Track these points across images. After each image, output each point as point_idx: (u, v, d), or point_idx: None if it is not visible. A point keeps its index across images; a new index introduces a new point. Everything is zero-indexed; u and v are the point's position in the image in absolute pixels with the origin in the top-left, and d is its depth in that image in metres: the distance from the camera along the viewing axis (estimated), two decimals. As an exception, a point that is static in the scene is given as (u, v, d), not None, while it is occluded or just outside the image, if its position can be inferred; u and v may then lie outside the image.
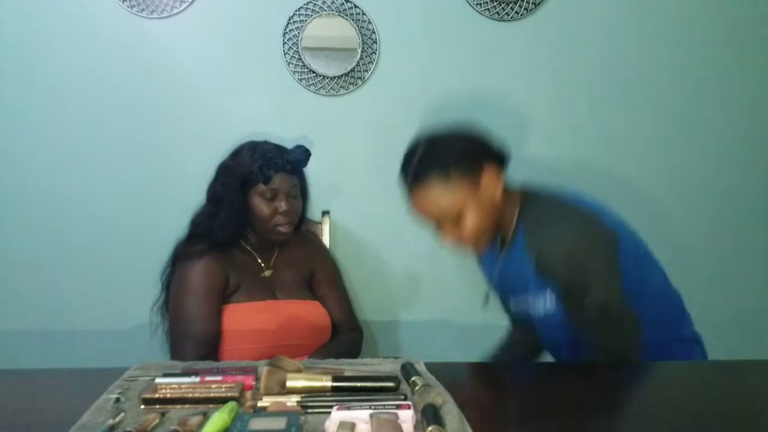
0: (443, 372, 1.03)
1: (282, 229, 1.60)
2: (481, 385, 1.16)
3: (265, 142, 1.64)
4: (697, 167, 2.11)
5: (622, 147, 2.08)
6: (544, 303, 1.30)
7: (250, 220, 1.60)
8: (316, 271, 1.73)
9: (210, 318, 1.51)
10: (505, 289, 1.43)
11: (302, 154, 1.64)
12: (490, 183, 1.27)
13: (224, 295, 1.56)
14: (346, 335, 1.70)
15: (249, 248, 1.65)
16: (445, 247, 1.31)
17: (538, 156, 2.05)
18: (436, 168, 1.25)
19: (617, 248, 1.27)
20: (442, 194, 1.25)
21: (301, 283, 1.69)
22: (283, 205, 1.58)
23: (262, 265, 1.65)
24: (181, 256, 1.58)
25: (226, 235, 1.58)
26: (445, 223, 1.28)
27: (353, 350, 1.70)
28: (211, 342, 1.50)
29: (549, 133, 2.06)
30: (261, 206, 1.58)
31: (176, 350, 1.52)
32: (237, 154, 1.62)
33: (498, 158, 1.30)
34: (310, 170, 1.76)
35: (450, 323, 2.07)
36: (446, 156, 1.26)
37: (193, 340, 1.49)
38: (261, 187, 1.57)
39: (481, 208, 1.26)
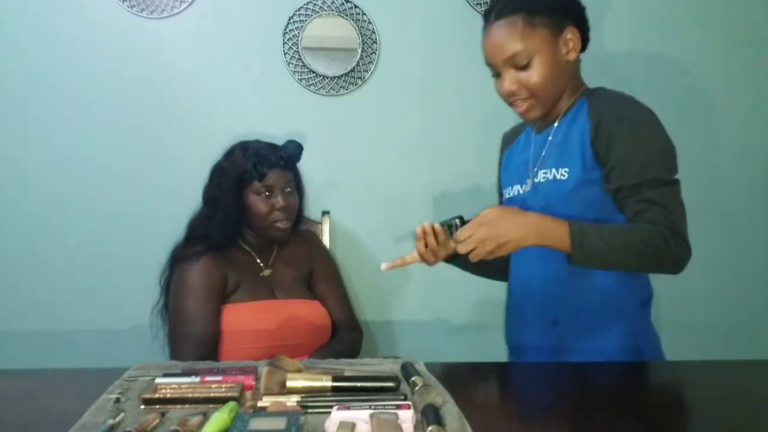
0: (443, 372, 1.03)
1: (280, 225, 1.60)
2: (481, 385, 1.16)
3: (257, 141, 1.65)
4: (695, 166, 2.11)
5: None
6: (571, 170, 1.27)
7: (248, 220, 1.61)
8: (315, 270, 1.73)
9: (209, 318, 1.51)
10: (525, 169, 1.39)
11: (295, 149, 1.65)
12: (568, 44, 1.29)
13: (223, 295, 1.56)
14: (345, 334, 1.70)
15: (247, 248, 1.65)
16: (502, 95, 1.32)
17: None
18: (525, 9, 1.27)
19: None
20: (522, 35, 1.27)
21: (301, 282, 1.69)
22: (279, 201, 1.59)
23: (261, 264, 1.65)
24: (179, 257, 1.58)
25: (224, 236, 1.58)
26: (510, 68, 1.29)
27: (353, 349, 1.70)
28: (210, 342, 1.50)
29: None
30: (258, 204, 1.59)
31: (176, 351, 1.52)
32: (230, 154, 1.63)
33: (581, 29, 1.32)
34: (310, 170, 1.76)
35: (450, 323, 2.07)
36: (537, 2, 1.28)
37: (193, 340, 1.49)
38: (256, 184, 1.58)
39: (552, 64, 1.28)
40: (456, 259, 1.38)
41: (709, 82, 2.09)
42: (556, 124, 1.34)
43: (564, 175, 1.28)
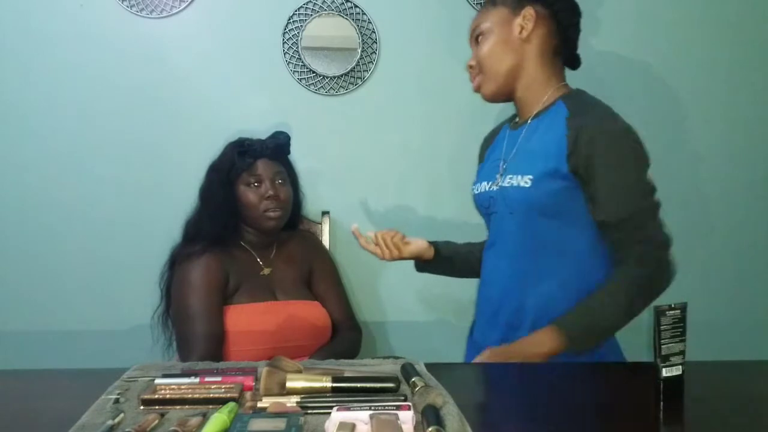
0: (443, 373, 1.03)
1: (271, 214, 1.59)
2: (482, 385, 1.16)
3: (246, 137, 1.66)
4: (696, 166, 2.11)
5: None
6: (535, 177, 1.28)
7: (243, 214, 1.60)
8: (314, 269, 1.73)
9: (214, 315, 1.51)
10: (496, 167, 1.39)
11: (281, 139, 1.65)
12: (523, 23, 1.30)
13: (225, 294, 1.56)
14: (345, 334, 1.70)
15: (247, 247, 1.65)
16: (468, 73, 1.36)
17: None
18: None
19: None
20: (485, 13, 1.33)
21: (301, 282, 1.68)
22: (269, 191, 1.58)
23: (261, 263, 1.65)
24: (179, 257, 1.57)
25: (217, 228, 1.57)
26: (475, 45, 1.35)
27: (352, 350, 1.69)
28: (216, 338, 1.50)
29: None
30: (247, 194, 1.59)
31: (184, 349, 1.52)
32: (221, 155, 1.64)
33: (551, 11, 1.32)
34: (310, 170, 1.76)
35: (450, 323, 2.06)
36: None
37: (200, 337, 1.49)
38: (245, 175, 1.59)
39: (501, 40, 1.31)
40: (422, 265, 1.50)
41: (706, 80, 2.09)
42: (529, 122, 1.34)
43: (527, 183, 1.28)
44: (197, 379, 0.96)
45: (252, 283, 1.59)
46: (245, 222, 1.63)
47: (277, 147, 1.64)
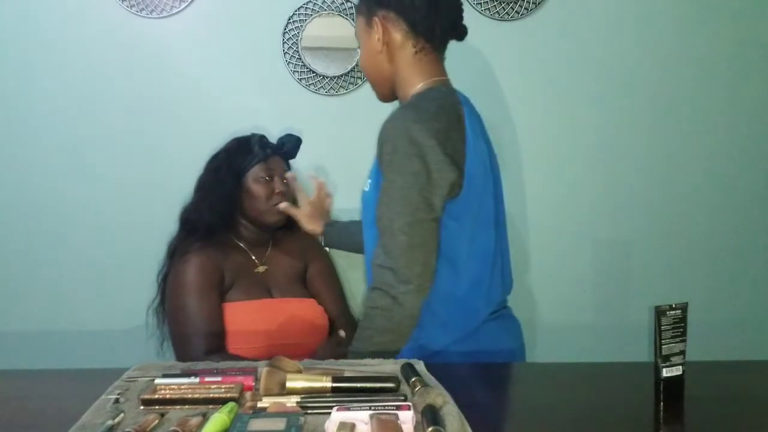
0: (443, 372, 1.03)
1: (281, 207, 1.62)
2: (481, 385, 1.16)
3: (255, 133, 1.67)
4: (696, 167, 2.11)
5: (622, 147, 2.08)
6: (372, 182, 1.29)
7: (246, 206, 1.61)
8: (309, 266, 1.73)
9: (212, 312, 1.51)
10: None
11: (296, 141, 1.70)
12: (376, 31, 1.30)
13: (220, 292, 1.56)
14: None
15: (242, 244, 1.65)
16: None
17: (537, 155, 2.05)
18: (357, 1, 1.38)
19: (444, 186, 1.19)
20: (356, 21, 1.38)
21: (296, 280, 1.68)
22: (279, 186, 1.62)
23: (255, 260, 1.65)
24: (176, 252, 1.58)
25: (215, 218, 1.58)
26: None
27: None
28: (217, 335, 1.50)
29: (548, 132, 2.06)
30: (257, 188, 1.61)
31: (183, 350, 1.51)
32: (227, 148, 1.65)
33: (396, 13, 1.28)
34: (310, 170, 1.76)
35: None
36: None
37: (200, 337, 1.48)
38: (257, 169, 1.61)
39: (366, 50, 1.34)
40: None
41: (707, 80, 2.09)
42: None
43: (366, 187, 1.31)
44: (197, 379, 0.96)
45: (246, 281, 1.59)
46: (246, 217, 1.63)
47: (294, 147, 1.69)
